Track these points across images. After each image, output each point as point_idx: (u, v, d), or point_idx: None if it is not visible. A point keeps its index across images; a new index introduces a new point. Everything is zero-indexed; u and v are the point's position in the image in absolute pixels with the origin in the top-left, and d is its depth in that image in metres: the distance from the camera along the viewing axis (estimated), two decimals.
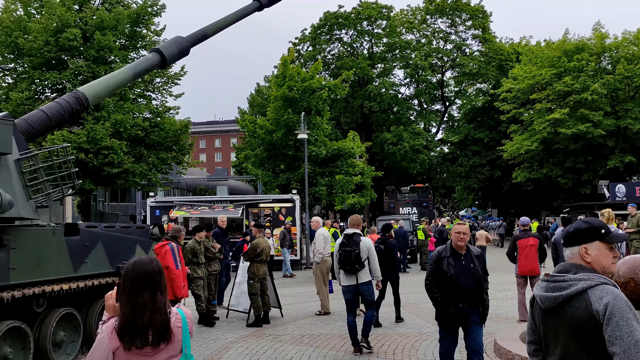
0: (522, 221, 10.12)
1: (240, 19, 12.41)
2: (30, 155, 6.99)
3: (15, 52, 21.66)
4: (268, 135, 24.36)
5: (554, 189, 37.58)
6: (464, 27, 46.29)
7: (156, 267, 2.72)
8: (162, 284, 2.72)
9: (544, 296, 2.47)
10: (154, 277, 2.68)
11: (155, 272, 2.70)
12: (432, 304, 5.74)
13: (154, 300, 2.63)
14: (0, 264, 6.05)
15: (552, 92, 31.56)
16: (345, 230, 8.15)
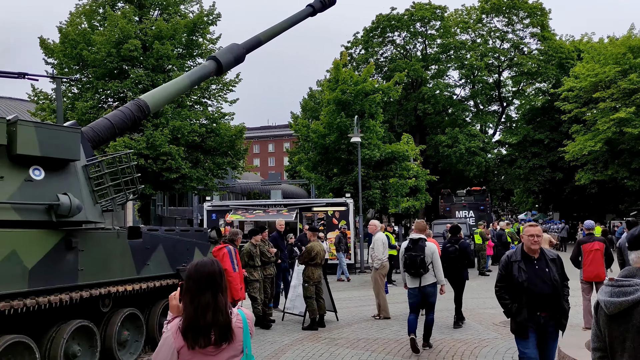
0: (586, 225, 9.73)
1: (294, 24, 12.55)
2: (96, 161, 7.30)
3: (80, 64, 22.71)
4: (321, 139, 24.45)
5: (619, 192, 35.90)
6: (522, 25, 45.02)
7: (217, 269, 2.79)
8: (223, 285, 2.78)
9: (609, 301, 2.37)
10: (215, 278, 2.75)
11: (217, 274, 2.76)
12: (501, 311, 5.49)
13: (216, 300, 2.70)
14: (69, 265, 6.34)
15: (617, 91, 30.16)
16: (410, 235, 8.39)
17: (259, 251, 10.16)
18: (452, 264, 9.70)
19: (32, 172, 6.26)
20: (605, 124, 29.67)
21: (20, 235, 5.83)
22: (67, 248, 6.30)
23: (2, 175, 5.95)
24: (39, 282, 5.92)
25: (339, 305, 11.52)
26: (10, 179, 6.02)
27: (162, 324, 8.03)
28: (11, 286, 5.63)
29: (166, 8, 24.18)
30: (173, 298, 2.89)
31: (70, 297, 6.23)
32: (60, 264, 6.23)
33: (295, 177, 44.53)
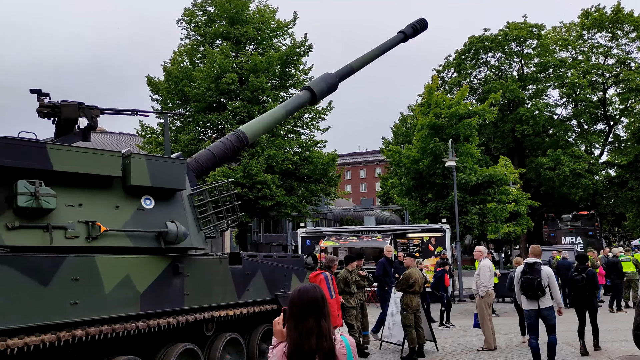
0: None
1: (386, 51, 12.60)
2: (200, 190, 7.66)
3: (183, 99, 24.21)
4: (414, 164, 24.14)
5: None
6: (628, 40, 42.19)
7: (319, 294, 2.80)
8: (325, 310, 2.79)
9: None
10: (318, 304, 2.76)
11: (319, 299, 2.78)
12: (618, 345, 5.02)
13: (319, 326, 2.71)
14: (176, 290, 6.64)
15: None
16: (526, 259, 8.70)
17: (354, 278, 10.11)
18: (579, 292, 9.90)
19: (143, 201, 6.68)
20: None
21: (133, 261, 6.20)
22: (174, 273, 6.62)
23: (118, 205, 6.39)
24: (149, 306, 6.24)
25: (439, 335, 11.14)
26: (125, 208, 6.46)
27: (262, 349, 8.17)
28: (125, 309, 5.98)
29: (260, 43, 25.27)
30: (277, 323, 2.94)
31: (177, 320, 6.51)
32: (168, 288, 6.54)
33: (388, 203, 44.19)
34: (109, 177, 6.30)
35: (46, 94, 6.77)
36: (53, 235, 5.70)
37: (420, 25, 13.36)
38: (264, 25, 25.16)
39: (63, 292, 5.39)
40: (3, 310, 4.89)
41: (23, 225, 5.53)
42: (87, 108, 6.93)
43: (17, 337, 4.96)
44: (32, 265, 5.21)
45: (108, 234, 6.14)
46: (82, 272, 5.60)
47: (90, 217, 6.05)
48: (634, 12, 40.91)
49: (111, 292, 5.85)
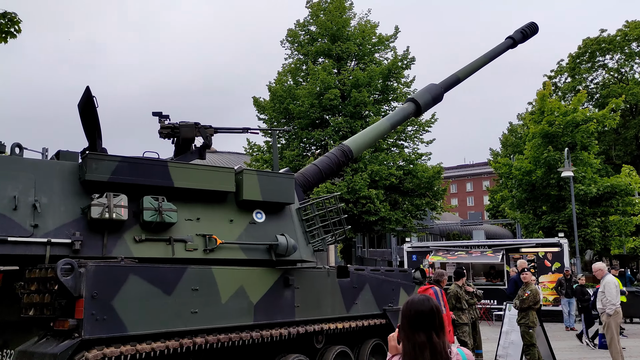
0: None
1: (493, 58, 12.19)
2: (308, 204, 7.82)
3: (287, 117, 24.96)
4: (526, 176, 22.98)
5: None
6: None
7: (429, 307, 2.72)
8: (438, 323, 2.69)
9: None
10: (428, 316, 2.68)
11: (429, 312, 2.69)
12: None
13: (431, 339, 2.62)
14: (287, 301, 6.79)
15: None
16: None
17: (465, 293, 9.78)
18: None
19: (255, 215, 6.94)
20: None
21: (246, 273, 6.44)
22: (285, 285, 6.78)
23: (232, 219, 6.69)
24: (262, 316, 6.44)
25: (560, 357, 10.42)
26: (238, 221, 6.74)
27: None
28: (240, 319, 6.21)
29: (362, 58, 25.48)
30: (392, 339, 2.90)
31: (289, 332, 6.64)
32: (280, 300, 6.71)
33: (498, 216, 42.33)
34: (224, 192, 6.62)
35: (166, 116, 7.28)
36: (175, 247, 6.07)
37: (530, 30, 12.82)
38: (365, 40, 25.38)
39: (184, 301, 5.72)
40: (134, 316, 5.28)
41: (148, 238, 5.95)
42: (202, 128, 7.36)
43: (145, 342, 5.31)
44: (158, 275, 5.58)
45: (223, 246, 6.43)
46: (201, 283, 5.91)
47: (207, 230, 6.38)
48: None
49: (227, 302, 6.10)
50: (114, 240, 5.78)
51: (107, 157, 5.87)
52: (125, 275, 5.31)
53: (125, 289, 5.27)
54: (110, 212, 5.60)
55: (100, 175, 5.73)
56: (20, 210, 5.36)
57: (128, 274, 5.33)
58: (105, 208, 5.59)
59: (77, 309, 4.96)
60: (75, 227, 5.61)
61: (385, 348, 8.36)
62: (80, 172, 5.79)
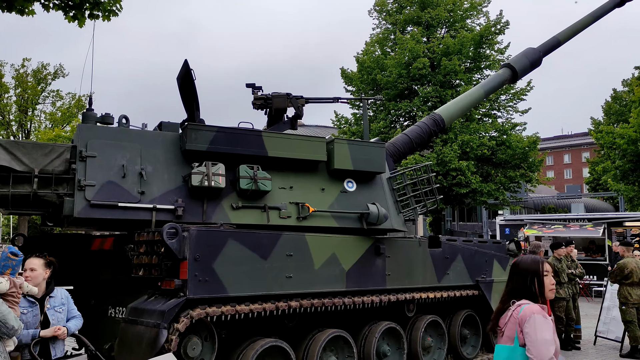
0: None
1: (598, 19, 11.35)
2: (399, 173, 7.76)
3: (375, 88, 24.68)
4: (631, 145, 21.36)
5: None
6: None
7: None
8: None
9: None
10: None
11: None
12: None
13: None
14: (378, 269, 6.83)
15: None
16: None
17: (564, 266, 9.35)
18: None
19: (346, 184, 6.99)
20: None
21: (338, 241, 6.53)
22: (376, 254, 6.81)
23: (323, 187, 6.79)
24: (354, 284, 6.53)
25: None
26: (330, 190, 6.83)
27: (463, 334, 8.01)
28: (333, 285, 6.33)
29: (452, 25, 24.56)
30: None
31: (380, 299, 6.70)
32: (371, 268, 6.76)
33: (598, 189, 39.83)
34: (315, 161, 6.71)
35: (259, 87, 7.45)
36: (269, 214, 6.27)
37: None
38: (456, 6, 24.41)
39: (280, 266, 5.91)
40: (233, 279, 5.54)
41: (245, 206, 6.18)
42: (294, 98, 7.46)
43: (243, 304, 5.57)
44: (254, 241, 5.80)
45: (315, 214, 6.55)
46: (295, 249, 6.07)
47: (299, 198, 6.52)
48: None
49: (320, 268, 6.24)
50: (212, 207, 6.05)
51: (205, 127, 6.12)
52: (224, 239, 5.56)
53: (224, 252, 5.53)
54: (209, 180, 5.86)
55: (199, 145, 6.00)
56: (128, 177, 5.74)
57: (227, 239, 5.58)
58: (205, 176, 5.86)
59: (182, 270, 5.28)
60: (178, 194, 5.93)
61: (478, 320, 8.22)
62: (180, 142, 6.09)
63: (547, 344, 2.83)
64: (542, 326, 2.86)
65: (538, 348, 2.82)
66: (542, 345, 2.82)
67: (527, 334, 2.88)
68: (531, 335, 2.86)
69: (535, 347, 2.83)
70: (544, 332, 2.84)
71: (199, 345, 5.34)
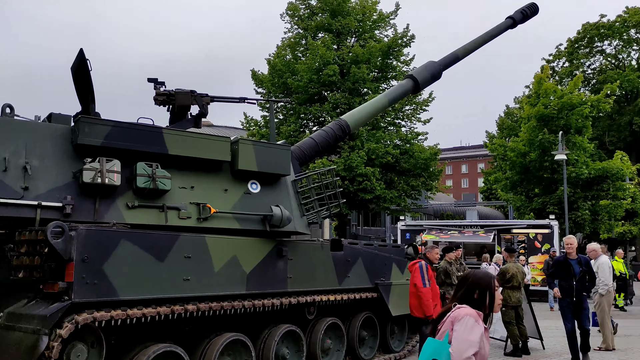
0: None
1: (493, 38, 12.07)
2: (304, 176, 7.77)
3: (285, 92, 24.73)
4: (520, 158, 23.00)
5: None
6: None
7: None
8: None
9: None
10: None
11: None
12: None
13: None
14: (279, 272, 6.79)
15: None
16: None
17: (455, 269, 9.83)
18: None
19: (250, 185, 6.89)
20: None
21: (240, 243, 6.42)
22: (278, 256, 6.77)
23: (226, 188, 6.64)
24: (254, 286, 6.44)
25: (546, 334, 10.53)
26: (233, 191, 6.70)
27: (362, 335, 8.14)
28: (233, 288, 6.21)
29: (362, 34, 25.18)
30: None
31: (281, 302, 6.66)
32: (272, 270, 6.70)
33: (491, 198, 42.50)
34: (219, 161, 6.55)
35: (162, 83, 7.16)
36: (168, 215, 6.03)
37: (530, 10, 12.67)
38: (365, 17, 25.04)
39: (177, 268, 5.70)
40: (125, 281, 5.25)
41: (141, 205, 5.90)
42: (198, 96, 7.25)
43: (136, 307, 5.30)
44: (150, 241, 5.55)
45: (217, 215, 6.40)
46: (194, 251, 5.88)
47: (201, 199, 6.34)
48: None
49: (220, 270, 6.09)
50: (106, 206, 5.72)
51: (100, 121, 5.78)
52: (116, 240, 5.27)
53: (116, 253, 5.24)
54: (103, 177, 5.54)
55: (93, 139, 5.65)
56: (10, 172, 5.29)
57: (120, 239, 5.29)
58: (98, 173, 5.52)
59: (67, 272, 4.93)
60: (67, 191, 5.55)
61: (376, 321, 8.41)
62: (72, 135, 5.71)
63: (469, 344, 2.95)
64: (471, 328, 2.99)
65: (459, 345, 2.95)
66: (464, 344, 2.95)
67: (456, 330, 3.03)
68: (458, 333, 3.00)
69: (457, 344, 2.96)
70: (470, 334, 2.97)
71: (84, 352, 5.01)
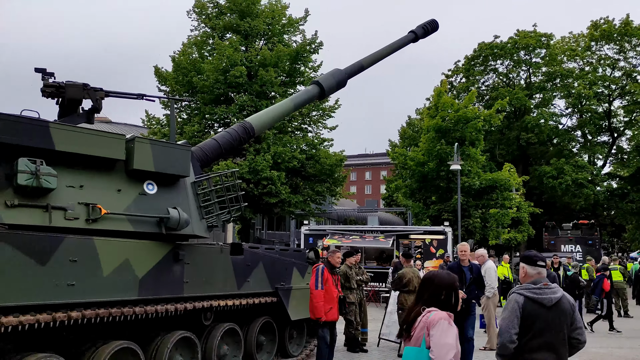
0: None
1: (396, 50, 12.48)
2: (204, 178, 7.57)
3: (190, 91, 24.12)
4: (419, 167, 24.05)
5: None
6: (635, 53, 41.97)
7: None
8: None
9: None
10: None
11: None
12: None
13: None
14: (175, 277, 6.55)
15: None
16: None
17: (354, 273, 10.04)
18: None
19: (146, 186, 6.59)
20: None
21: (133, 246, 6.11)
22: (175, 260, 6.53)
23: (120, 188, 6.31)
24: (148, 291, 6.16)
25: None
26: (127, 192, 6.37)
27: (259, 341, 8.05)
28: (123, 293, 5.89)
29: (270, 38, 25.18)
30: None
31: (176, 307, 6.42)
32: (168, 275, 6.45)
33: (392, 205, 44.06)
34: (112, 159, 6.21)
35: (51, 74, 6.67)
36: (52, 215, 5.61)
37: (431, 27, 13.24)
38: (274, 20, 25.06)
39: (60, 272, 5.31)
40: (0, 287, 4.81)
41: (22, 204, 5.45)
42: (92, 90, 6.82)
43: (12, 315, 4.87)
44: (30, 244, 5.13)
45: (109, 217, 6.05)
46: (81, 254, 5.52)
47: (91, 199, 5.96)
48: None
49: (109, 275, 5.76)
50: None
51: None
52: None
53: None
54: None
55: None
56: None
57: None
58: None
59: None
60: None
61: (275, 326, 8.36)
62: None
63: (449, 348, 3.10)
64: (447, 331, 3.14)
65: (440, 350, 3.09)
66: (444, 348, 3.09)
67: (432, 336, 3.15)
68: (436, 338, 3.13)
69: (437, 349, 3.10)
70: (447, 337, 3.12)
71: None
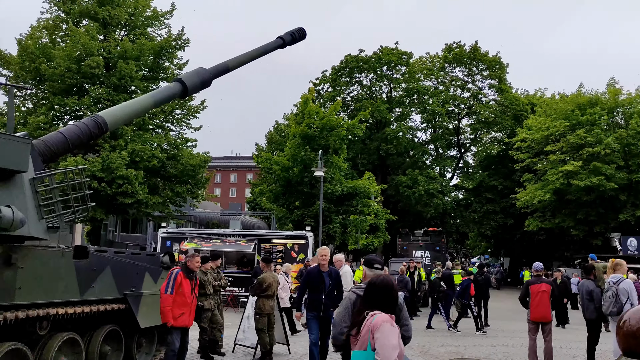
0: (535, 267, 9.92)
1: (263, 54, 12.51)
2: (45, 175, 6.91)
3: (37, 78, 22.06)
4: (284, 172, 24.35)
5: (565, 240, 37.14)
6: (481, 77, 46.71)
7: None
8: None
9: None
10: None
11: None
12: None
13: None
14: (6, 283, 5.89)
15: (566, 144, 31.62)
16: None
17: (210, 278, 9.82)
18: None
19: None
20: (554, 175, 30.92)
21: None
22: (6, 264, 5.88)
23: None
24: None
25: (296, 339, 11.21)
26: None
27: (103, 350, 7.54)
28: None
29: (133, 29, 23.94)
30: None
31: (5, 317, 5.77)
32: None
33: (257, 209, 44.12)
34: None
35: None
36: None
37: (299, 34, 13.46)
38: (137, 11, 23.83)
39: None
40: None
41: None
42: None
43: None
44: None
45: None
46: None
47: None
48: (489, 52, 45.39)
49: None
50: None
51: None
52: None
53: None
54: None
55: None
56: None
57: None
58: None
59: None
60: None
61: (121, 334, 7.90)
62: None
63: (392, 348, 3.32)
64: (389, 333, 3.37)
65: (384, 351, 3.30)
66: (388, 349, 3.31)
67: (377, 338, 3.35)
68: (380, 340, 3.33)
69: (382, 350, 3.30)
70: (390, 338, 3.33)
71: None
